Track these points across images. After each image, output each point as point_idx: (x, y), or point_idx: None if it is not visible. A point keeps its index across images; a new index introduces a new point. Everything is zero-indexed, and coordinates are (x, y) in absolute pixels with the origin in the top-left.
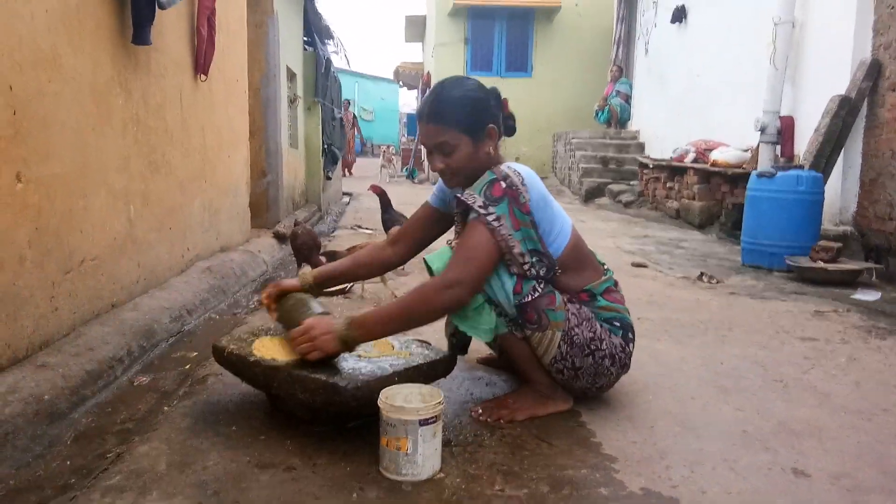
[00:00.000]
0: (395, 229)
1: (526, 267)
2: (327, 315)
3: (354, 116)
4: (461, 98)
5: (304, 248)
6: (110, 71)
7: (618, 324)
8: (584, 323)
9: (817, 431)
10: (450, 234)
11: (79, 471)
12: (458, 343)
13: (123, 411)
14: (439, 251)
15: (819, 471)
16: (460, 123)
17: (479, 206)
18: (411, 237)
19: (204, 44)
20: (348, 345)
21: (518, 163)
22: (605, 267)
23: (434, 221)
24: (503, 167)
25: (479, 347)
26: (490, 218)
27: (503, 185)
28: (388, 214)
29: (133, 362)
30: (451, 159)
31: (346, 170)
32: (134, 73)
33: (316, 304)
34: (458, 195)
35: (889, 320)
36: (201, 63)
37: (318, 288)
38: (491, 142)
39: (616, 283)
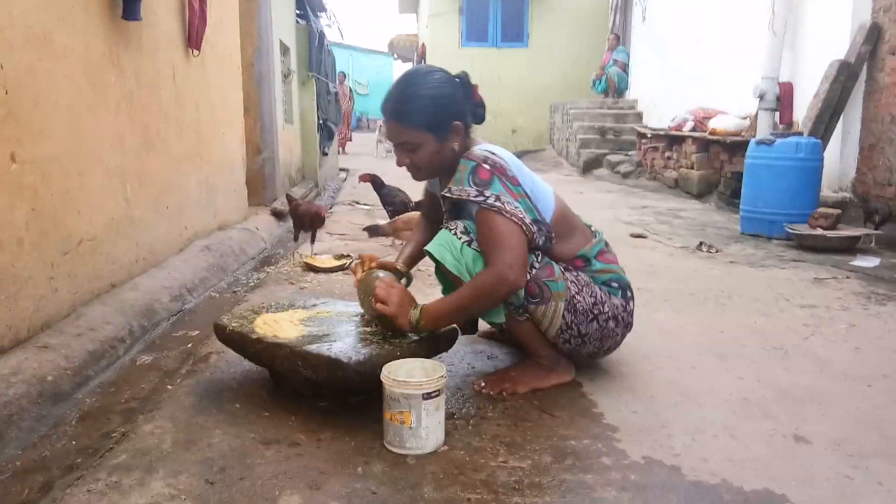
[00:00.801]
0: (405, 215)
1: (531, 237)
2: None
3: (351, 90)
4: (424, 97)
5: (306, 216)
6: (102, 48)
7: (615, 284)
8: (585, 289)
9: (818, 398)
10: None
11: (85, 450)
12: (467, 322)
13: (127, 391)
14: (437, 238)
15: (820, 437)
16: (423, 123)
17: (476, 196)
18: (436, 214)
19: (196, 17)
20: (416, 329)
21: (507, 139)
22: (593, 229)
23: (439, 202)
24: (476, 151)
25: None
26: (491, 201)
27: (487, 166)
28: (386, 189)
29: (135, 342)
30: (415, 156)
31: (341, 147)
32: (126, 50)
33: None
34: (446, 194)
35: (888, 286)
36: (193, 38)
37: (407, 269)
38: (457, 137)
39: (607, 244)
